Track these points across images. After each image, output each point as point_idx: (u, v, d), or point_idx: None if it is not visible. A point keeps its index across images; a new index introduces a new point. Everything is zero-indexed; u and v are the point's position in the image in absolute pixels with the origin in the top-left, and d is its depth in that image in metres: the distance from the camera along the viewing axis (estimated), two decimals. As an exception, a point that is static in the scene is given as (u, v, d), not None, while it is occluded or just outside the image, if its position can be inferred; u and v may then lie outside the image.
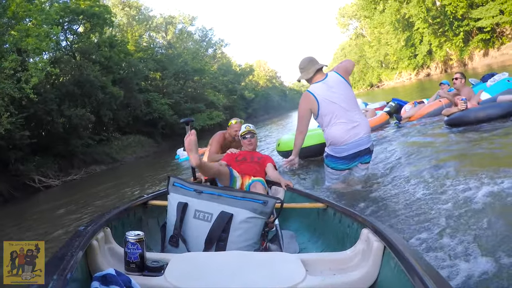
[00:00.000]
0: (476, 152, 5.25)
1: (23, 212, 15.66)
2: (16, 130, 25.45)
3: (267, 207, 2.56)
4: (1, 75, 22.17)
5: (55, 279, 1.35)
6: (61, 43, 37.49)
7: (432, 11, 41.50)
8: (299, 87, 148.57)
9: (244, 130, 5.05)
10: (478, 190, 3.88)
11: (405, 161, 5.81)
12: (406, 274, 1.61)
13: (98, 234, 2.13)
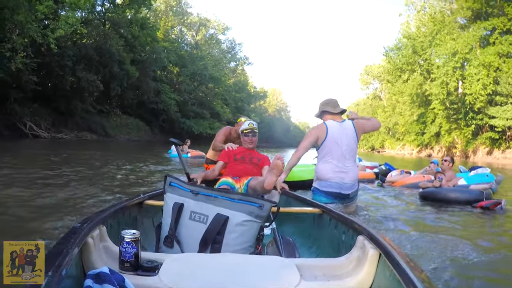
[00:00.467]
0: (429, 222, 5.71)
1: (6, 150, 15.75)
2: (26, 71, 25.71)
3: (263, 211, 2.54)
4: (31, 16, 22.48)
5: (50, 275, 1.36)
6: (97, 8, 38.10)
7: (452, 96, 41.82)
8: (304, 128, 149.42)
9: (247, 127, 4.78)
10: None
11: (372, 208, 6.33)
12: (401, 282, 1.61)
13: (93, 232, 2.09)
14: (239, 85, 76.39)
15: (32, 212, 4.94)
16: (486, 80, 38.79)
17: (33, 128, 28.38)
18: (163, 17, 56.93)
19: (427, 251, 3.94)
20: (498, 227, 5.67)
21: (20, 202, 5.54)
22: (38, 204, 5.40)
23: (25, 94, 27.86)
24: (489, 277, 3.44)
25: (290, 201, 4.14)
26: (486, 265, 3.83)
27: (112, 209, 2.67)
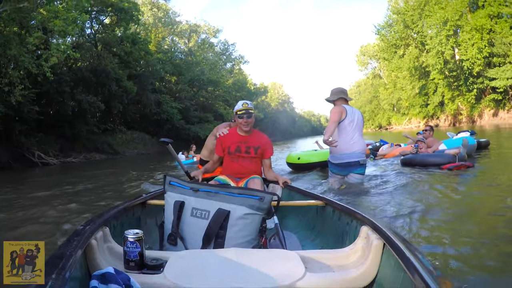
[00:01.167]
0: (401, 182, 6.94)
1: (18, 180, 16.23)
2: (27, 103, 26.15)
3: (264, 203, 2.58)
4: (23, 49, 22.97)
5: (54, 278, 1.37)
6: (86, 30, 38.61)
7: (449, 64, 41.84)
8: (310, 116, 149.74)
9: (241, 107, 4.22)
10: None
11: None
12: (406, 271, 1.62)
13: (97, 233, 2.14)
14: (239, 84, 76.36)
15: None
16: (480, 44, 38.92)
17: (42, 156, 28.74)
18: (153, 29, 57.29)
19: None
20: (462, 187, 6.52)
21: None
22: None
23: (28, 125, 28.34)
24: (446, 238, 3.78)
25: (293, 194, 4.20)
26: (445, 221, 4.48)
27: (115, 210, 2.77)
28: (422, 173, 7.68)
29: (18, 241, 1.43)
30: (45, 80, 26.04)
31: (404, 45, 51.24)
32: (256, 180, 4.00)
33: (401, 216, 4.60)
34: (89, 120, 36.26)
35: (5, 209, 7.64)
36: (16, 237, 5.16)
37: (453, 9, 39.15)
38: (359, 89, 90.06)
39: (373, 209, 5.13)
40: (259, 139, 4.42)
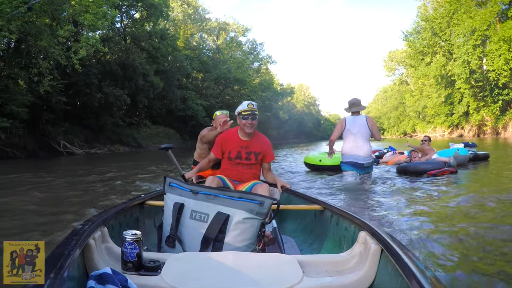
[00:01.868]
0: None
1: (42, 167, 16.73)
2: (55, 93, 26.95)
3: (264, 208, 2.55)
4: (54, 41, 23.64)
5: (52, 277, 1.36)
6: (116, 24, 39.18)
7: (476, 74, 41.27)
8: (335, 120, 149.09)
9: (246, 108, 4.04)
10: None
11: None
12: (403, 277, 1.62)
13: (95, 233, 2.12)
14: (265, 84, 76.51)
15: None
16: (507, 55, 38.25)
17: (67, 146, 29.46)
18: (182, 25, 57.86)
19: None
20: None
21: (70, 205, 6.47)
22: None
23: (56, 114, 29.11)
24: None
25: (291, 198, 4.18)
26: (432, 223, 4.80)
27: (113, 210, 2.73)
28: (412, 180, 8.48)
29: (18, 241, 1.43)
30: (74, 71, 26.62)
31: (432, 53, 50.51)
32: (265, 186, 3.88)
33: (389, 221, 4.85)
34: (115, 112, 36.87)
35: (24, 194, 7.95)
36: (30, 224, 5.35)
37: (481, 19, 38.52)
38: (386, 94, 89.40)
39: (362, 209, 5.45)
40: (261, 143, 4.24)
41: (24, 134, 25.43)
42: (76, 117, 32.72)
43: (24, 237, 4.39)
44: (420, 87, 60.71)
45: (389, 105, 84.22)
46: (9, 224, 5.19)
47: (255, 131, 4.23)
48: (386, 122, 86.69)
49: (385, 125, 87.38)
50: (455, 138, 42.61)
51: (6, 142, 23.63)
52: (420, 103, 60.46)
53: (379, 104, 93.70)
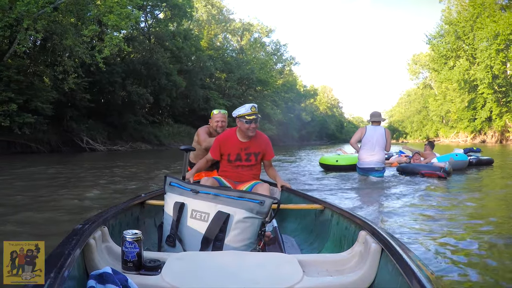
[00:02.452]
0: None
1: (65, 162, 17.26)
2: (79, 91, 27.73)
3: (264, 207, 2.55)
4: (79, 40, 24.36)
5: (52, 277, 1.36)
6: (140, 24, 39.99)
7: (499, 79, 40.68)
8: (358, 122, 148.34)
9: (249, 111, 3.84)
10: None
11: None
12: (404, 276, 1.62)
13: (95, 232, 2.11)
14: (288, 85, 76.63)
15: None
16: (531, 60, 37.73)
17: (90, 142, 30.16)
18: (206, 26, 58.39)
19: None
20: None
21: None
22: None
23: (79, 111, 29.94)
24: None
25: (291, 197, 4.17)
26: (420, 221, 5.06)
27: (114, 209, 2.72)
28: (411, 180, 9.26)
29: (18, 241, 1.44)
30: (98, 70, 27.27)
31: (455, 57, 49.87)
32: (265, 185, 3.82)
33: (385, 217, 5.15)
34: (138, 111, 37.54)
35: (43, 186, 8.29)
36: (45, 212, 5.52)
37: (505, 23, 37.86)
38: (409, 98, 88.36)
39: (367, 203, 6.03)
40: (259, 143, 4.11)
41: (48, 130, 26.23)
42: (100, 114, 33.45)
43: (34, 230, 4.47)
44: (443, 91, 59.75)
45: (413, 109, 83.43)
46: (19, 219, 5.19)
47: None
48: (409, 126, 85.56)
49: (408, 129, 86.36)
50: (477, 144, 42.02)
51: (31, 137, 24.47)
52: (444, 107, 59.58)
53: (403, 108, 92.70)
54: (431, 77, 70.52)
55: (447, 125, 62.19)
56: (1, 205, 6.01)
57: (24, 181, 9.43)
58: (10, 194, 7.33)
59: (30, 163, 15.91)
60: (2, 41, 23.43)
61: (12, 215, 5.12)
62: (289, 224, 4.03)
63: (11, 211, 5.45)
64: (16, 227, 4.40)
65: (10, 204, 6.18)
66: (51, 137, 27.22)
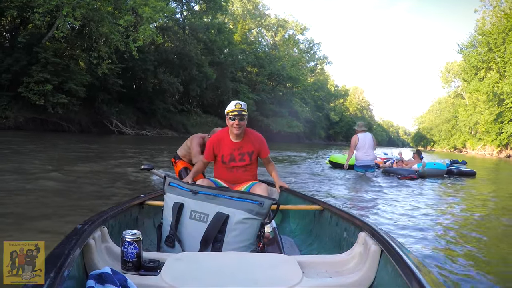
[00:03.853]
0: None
1: (93, 142, 18.30)
2: (112, 76, 29.04)
3: (263, 208, 2.55)
4: (114, 28, 25.61)
5: (51, 277, 1.35)
6: (176, 15, 41.05)
7: (527, 94, 40.16)
8: (388, 126, 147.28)
9: (233, 108, 3.69)
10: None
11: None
12: (403, 278, 1.64)
13: (95, 233, 2.10)
14: (318, 84, 76.80)
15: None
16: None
17: (119, 125, 31.63)
18: (240, 20, 59.07)
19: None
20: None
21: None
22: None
23: (111, 95, 31.33)
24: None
25: (290, 198, 4.18)
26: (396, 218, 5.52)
27: (113, 210, 2.68)
28: (397, 182, 10.48)
29: (18, 241, 1.45)
30: (131, 57, 28.53)
31: (486, 68, 49.35)
32: (263, 186, 3.73)
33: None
34: (168, 98, 38.78)
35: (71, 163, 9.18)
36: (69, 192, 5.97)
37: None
38: (440, 106, 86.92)
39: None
40: (253, 141, 3.93)
41: (80, 111, 27.73)
42: (131, 99, 34.73)
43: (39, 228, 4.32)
44: (474, 102, 58.73)
45: (442, 117, 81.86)
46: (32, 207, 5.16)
47: (246, 129, 3.90)
48: (437, 134, 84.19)
49: (436, 138, 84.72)
50: (503, 159, 41.48)
51: (63, 116, 26.07)
52: (473, 118, 58.11)
53: (433, 115, 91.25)
54: (463, 86, 69.35)
55: (475, 136, 61.13)
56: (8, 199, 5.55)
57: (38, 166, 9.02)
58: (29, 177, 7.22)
59: (56, 142, 16.91)
60: (42, 25, 24.79)
61: (14, 213, 4.80)
62: (288, 225, 4.03)
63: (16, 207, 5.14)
64: (17, 227, 4.20)
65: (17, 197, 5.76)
66: (82, 118, 28.68)
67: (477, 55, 50.00)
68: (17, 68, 23.39)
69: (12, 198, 5.39)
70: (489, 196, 9.32)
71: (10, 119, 23.59)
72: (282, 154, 20.38)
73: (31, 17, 22.79)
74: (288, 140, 53.95)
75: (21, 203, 5.13)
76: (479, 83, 49.32)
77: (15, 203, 5.10)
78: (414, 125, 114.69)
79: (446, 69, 75.08)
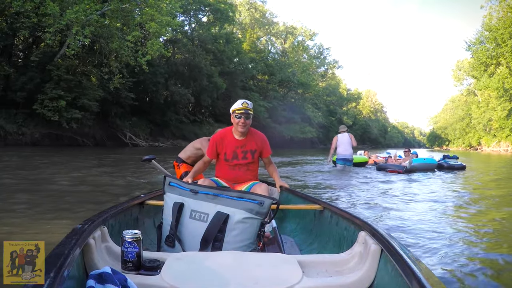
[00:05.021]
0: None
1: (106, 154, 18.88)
2: (124, 90, 29.82)
3: (263, 208, 2.55)
4: (124, 43, 26.47)
5: (51, 277, 1.34)
6: (184, 27, 42.01)
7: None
8: (403, 128, 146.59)
9: (240, 106, 3.75)
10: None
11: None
12: (403, 277, 1.63)
13: (95, 232, 2.11)
14: (330, 88, 76.82)
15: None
16: None
17: (132, 138, 32.33)
18: (248, 29, 59.64)
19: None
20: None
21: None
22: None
23: (124, 109, 32.14)
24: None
25: (290, 198, 4.20)
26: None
27: (113, 209, 2.69)
28: (383, 174, 12.21)
29: (18, 241, 1.45)
30: (142, 71, 29.21)
31: (495, 64, 49.23)
32: (263, 186, 3.74)
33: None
34: (179, 110, 39.50)
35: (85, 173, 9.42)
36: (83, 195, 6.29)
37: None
38: (453, 105, 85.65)
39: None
40: (256, 140, 3.99)
41: (94, 125, 28.61)
42: (143, 112, 35.54)
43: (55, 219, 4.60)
44: (486, 99, 58.34)
45: (456, 116, 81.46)
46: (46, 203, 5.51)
47: (250, 128, 3.97)
48: (451, 133, 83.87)
49: (450, 137, 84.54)
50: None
51: (78, 131, 26.87)
52: (486, 115, 57.61)
53: (447, 114, 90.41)
54: (474, 84, 68.72)
55: (489, 133, 60.56)
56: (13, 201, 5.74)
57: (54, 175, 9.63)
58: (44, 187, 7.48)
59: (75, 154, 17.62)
60: (53, 44, 25.65)
61: (14, 213, 4.91)
62: (289, 224, 4.07)
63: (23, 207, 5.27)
64: (19, 226, 4.29)
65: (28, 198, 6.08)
66: (96, 132, 29.53)
67: (485, 51, 49.76)
68: (32, 86, 24.26)
69: (12, 198, 5.65)
70: (477, 186, 10.10)
71: (27, 135, 24.44)
72: (294, 158, 21.04)
73: (42, 37, 23.69)
74: (302, 146, 54.15)
75: (21, 203, 5.31)
76: (489, 80, 49.06)
77: (15, 203, 5.31)
78: (429, 125, 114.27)
79: (457, 67, 74.17)
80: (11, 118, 24.13)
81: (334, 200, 6.82)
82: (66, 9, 22.35)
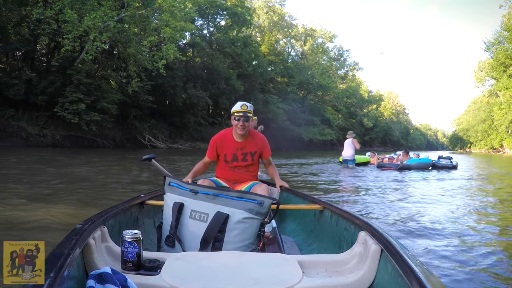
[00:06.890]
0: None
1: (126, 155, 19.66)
2: (142, 93, 30.59)
3: (263, 208, 2.56)
4: (141, 48, 27.29)
5: (51, 277, 1.34)
6: (203, 31, 42.89)
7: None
8: (426, 130, 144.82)
9: (239, 109, 3.71)
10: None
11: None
12: (403, 277, 1.63)
13: (95, 232, 2.11)
14: (350, 91, 76.51)
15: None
16: None
17: (151, 140, 33.08)
18: (267, 32, 59.98)
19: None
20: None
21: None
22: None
23: (143, 111, 32.92)
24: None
25: (290, 197, 4.23)
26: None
27: (113, 210, 2.68)
28: (378, 171, 14.18)
29: (18, 241, 1.43)
30: (159, 74, 29.89)
31: (515, 65, 48.70)
32: (264, 186, 3.69)
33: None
34: (198, 112, 40.10)
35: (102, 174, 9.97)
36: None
37: None
38: (475, 106, 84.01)
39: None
40: (256, 142, 3.95)
41: (113, 127, 29.48)
42: (162, 114, 36.31)
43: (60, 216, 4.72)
44: (508, 100, 57.33)
45: (478, 118, 79.48)
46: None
47: (250, 130, 3.94)
48: (473, 135, 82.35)
49: (473, 139, 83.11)
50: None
51: (97, 133, 27.80)
52: (508, 116, 56.56)
53: (470, 116, 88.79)
54: (495, 85, 67.52)
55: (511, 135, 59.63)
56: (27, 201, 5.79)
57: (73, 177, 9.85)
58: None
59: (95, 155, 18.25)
60: (73, 49, 26.56)
61: (14, 213, 4.93)
62: (289, 224, 4.08)
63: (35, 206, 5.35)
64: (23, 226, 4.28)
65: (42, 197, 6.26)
66: (115, 134, 30.42)
67: (504, 52, 49.13)
68: (52, 90, 25.18)
69: (13, 199, 5.75)
70: (465, 184, 10.85)
71: (48, 137, 25.30)
72: (309, 160, 22.00)
73: (62, 42, 24.62)
74: (322, 148, 54.40)
75: (21, 203, 5.40)
76: (508, 80, 48.44)
77: (15, 203, 5.38)
78: (452, 127, 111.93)
79: (479, 67, 72.59)
80: (32, 121, 25.02)
81: (332, 191, 7.85)
82: (84, 16, 23.17)
